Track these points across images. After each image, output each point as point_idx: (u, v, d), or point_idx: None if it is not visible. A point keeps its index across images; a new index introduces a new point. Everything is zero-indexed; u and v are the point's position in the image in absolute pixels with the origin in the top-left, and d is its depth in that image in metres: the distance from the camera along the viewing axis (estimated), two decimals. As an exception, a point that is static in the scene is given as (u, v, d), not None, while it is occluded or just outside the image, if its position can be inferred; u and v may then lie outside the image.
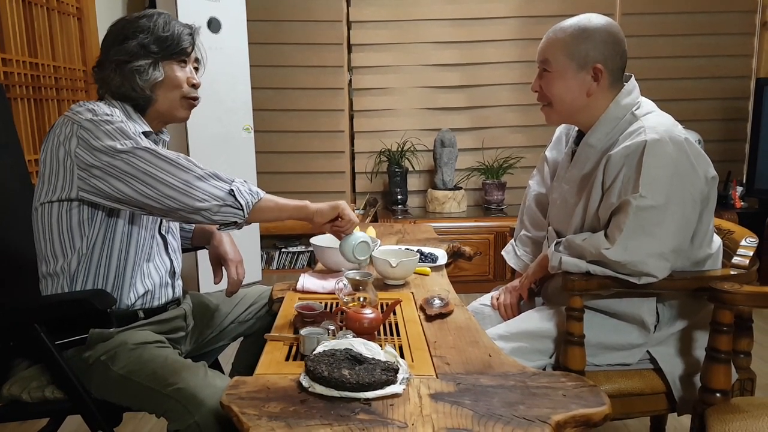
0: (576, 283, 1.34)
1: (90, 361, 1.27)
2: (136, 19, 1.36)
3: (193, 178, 1.21)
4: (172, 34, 1.36)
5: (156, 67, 1.35)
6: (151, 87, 1.35)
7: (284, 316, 1.37)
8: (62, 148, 1.24)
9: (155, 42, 1.34)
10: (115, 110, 1.31)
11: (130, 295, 1.35)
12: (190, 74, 1.41)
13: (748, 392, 1.42)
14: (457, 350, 1.18)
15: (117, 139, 1.22)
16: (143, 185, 1.21)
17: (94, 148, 1.21)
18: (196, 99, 1.43)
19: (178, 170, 1.21)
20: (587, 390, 1.01)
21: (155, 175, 1.21)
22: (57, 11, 2.79)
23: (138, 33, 1.34)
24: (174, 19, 1.39)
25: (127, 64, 1.33)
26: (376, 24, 4.01)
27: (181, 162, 1.23)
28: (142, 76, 1.34)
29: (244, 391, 0.98)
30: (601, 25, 1.40)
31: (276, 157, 4.11)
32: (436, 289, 1.58)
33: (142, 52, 1.33)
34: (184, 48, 1.38)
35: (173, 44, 1.36)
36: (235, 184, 1.25)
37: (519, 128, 4.13)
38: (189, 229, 1.64)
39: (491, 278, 3.67)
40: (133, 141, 1.23)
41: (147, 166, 1.21)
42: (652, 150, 1.28)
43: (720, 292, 1.23)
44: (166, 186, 1.20)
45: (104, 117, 1.25)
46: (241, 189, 1.25)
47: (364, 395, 0.95)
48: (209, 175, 1.23)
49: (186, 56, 1.40)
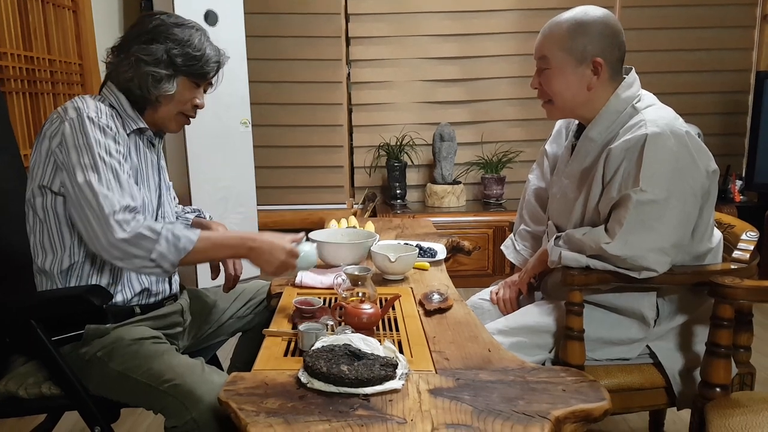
0: (576, 278, 1.33)
1: (87, 357, 1.26)
2: (172, 24, 1.34)
3: (117, 240, 1.18)
4: (201, 54, 1.35)
5: (172, 80, 1.34)
6: (157, 96, 1.34)
7: (282, 311, 1.36)
8: (46, 141, 1.26)
9: (182, 56, 1.33)
10: (102, 107, 1.30)
11: (126, 291, 1.34)
12: (198, 96, 1.40)
13: (748, 387, 1.41)
14: (456, 345, 1.18)
15: (81, 158, 1.21)
16: (78, 215, 1.22)
17: (64, 156, 1.23)
18: (191, 118, 1.43)
19: (105, 226, 1.18)
20: (587, 385, 1.01)
21: (86, 217, 1.20)
22: (52, 4, 2.76)
23: (168, 40, 1.32)
24: (208, 41, 1.38)
25: (146, 66, 1.31)
26: (375, 17, 3.99)
27: (116, 217, 1.19)
28: (156, 84, 1.33)
29: (242, 387, 0.98)
30: (598, 18, 1.38)
31: (274, 152, 4.10)
32: (435, 284, 1.57)
33: (166, 60, 1.32)
34: (206, 73, 1.38)
35: (198, 65, 1.35)
36: (156, 250, 1.19)
37: (518, 122, 4.11)
38: (186, 224, 1.62)
39: (490, 273, 3.66)
40: (91, 165, 1.21)
41: (83, 202, 1.20)
42: (652, 143, 1.27)
43: (720, 286, 1.22)
44: (92, 235, 1.20)
45: (85, 120, 1.24)
46: (166, 253, 1.20)
47: (362, 391, 0.95)
48: (135, 236, 1.19)
49: (203, 81, 1.39)
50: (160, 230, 1.20)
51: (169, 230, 1.21)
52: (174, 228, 1.23)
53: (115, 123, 1.30)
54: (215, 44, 1.41)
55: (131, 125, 1.35)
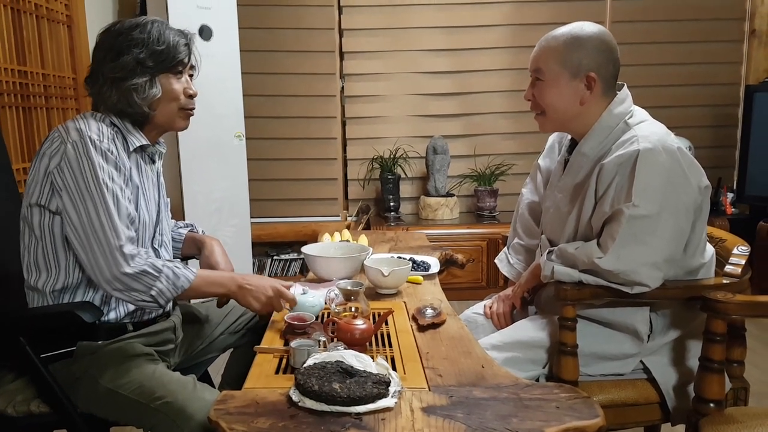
0: (568, 293, 1.33)
1: (77, 374, 1.25)
2: (128, 30, 1.32)
3: (122, 274, 1.20)
4: (167, 46, 1.32)
5: (153, 83, 1.32)
6: (149, 104, 1.33)
7: (274, 326, 1.35)
8: (46, 160, 1.24)
9: (150, 56, 1.31)
10: (104, 128, 1.29)
11: (119, 310, 1.33)
12: (187, 84, 1.39)
13: (742, 401, 1.41)
14: (449, 361, 1.17)
15: (87, 184, 1.21)
16: (80, 244, 1.22)
17: (65, 180, 1.22)
18: (193, 109, 1.42)
19: (111, 258, 1.20)
20: (581, 402, 1.00)
21: (90, 247, 1.21)
22: (46, 19, 2.76)
23: (132, 47, 1.30)
24: (167, 27, 1.36)
25: (124, 82, 1.30)
26: (368, 32, 4.01)
27: (124, 250, 1.20)
28: (140, 94, 1.31)
29: (233, 406, 0.97)
30: (594, 33, 1.40)
31: (268, 164, 4.10)
32: (429, 298, 1.56)
33: (138, 68, 1.30)
34: (181, 59, 1.35)
35: (169, 57, 1.33)
36: (156, 287, 1.23)
37: (511, 135, 4.13)
38: (179, 239, 1.62)
39: (484, 285, 3.66)
40: (97, 193, 1.21)
41: (89, 231, 1.21)
42: (645, 159, 1.28)
43: (713, 301, 1.23)
44: (95, 266, 1.21)
45: (88, 143, 1.23)
46: (165, 291, 1.24)
47: (355, 409, 0.94)
48: (139, 272, 1.21)
49: (183, 67, 1.37)
50: (162, 267, 1.24)
51: (170, 268, 1.25)
52: (174, 266, 1.27)
53: (116, 145, 1.30)
54: (176, 28, 1.38)
55: (134, 142, 1.34)
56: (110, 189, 1.23)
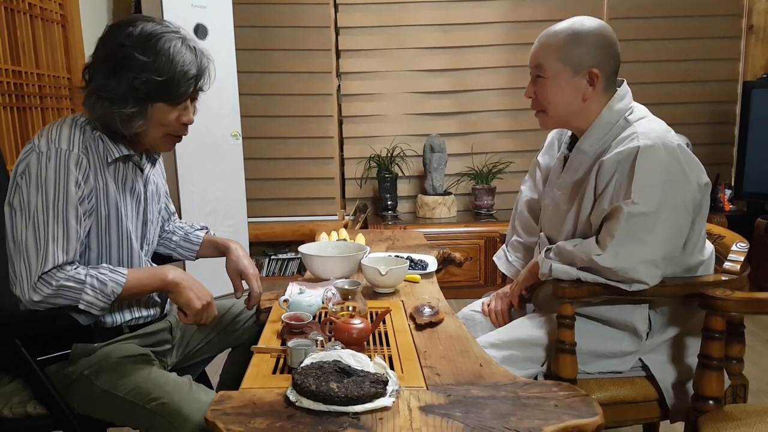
0: (566, 291, 1.33)
1: (73, 376, 1.24)
2: (133, 46, 1.18)
3: (40, 298, 1.15)
4: (170, 77, 1.19)
5: (142, 113, 1.21)
6: (131, 132, 1.25)
7: (271, 326, 1.34)
8: (20, 163, 1.20)
9: (146, 85, 1.19)
10: (77, 134, 1.22)
11: (116, 316, 1.32)
12: (183, 112, 1.27)
13: (741, 398, 1.41)
14: (447, 360, 1.16)
15: (38, 197, 1.16)
16: (9, 251, 1.19)
17: (23, 187, 1.17)
18: (182, 136, 1.32)
19: (30, 281, 1.15)
20: (579, 400, 1.00)
21: (19, 260, 1.16)
22: (41, 18, 2.75)
23: (129, 69, 1.18)
24: (183, 46, 1.22)
25: (110, 105, 1.20)
26: (364, 30, 4.00)
27: (43, 276, 1.15)
28: (125, 123, 1.22)
29: (230, 407, 0.96)
30: (594, 29, 1.39)
31: (264, 164, 4.09)
32: (426, 297, 1.56)
33: (128, 96, 1.19)
34: (181, 94, 1.23)
35: (169, 90, 1.21)
36: (84, 300, 1.16)
37: (508, 133, 4.12)
38: (196, 241, 1.59)
39: (482, 283, 3.66)
40: (43, 209, 1.16)
41: (21, 245, 1.16)
42: (644, 156, 1.27)
43: (711, 298, 1.22)
44: (19, 283, 1.16)
45: (53, 154, 1.17)
46: (94, 302, 1.17)
47: (352, 409, 0.93)
48: (58, 287, 1.15)
49: (184, 99, 1.25)
50: (85, 278, 1.17)
51: (93, 277, 1.18)
52: (98, 273, 1.19)
53: (90, 153, 1.23)
54: (195, 48, 1.25)
55: (113, 152, 1.27)
56: (59, 208, 1.17)
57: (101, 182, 1.26)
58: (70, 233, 1.18)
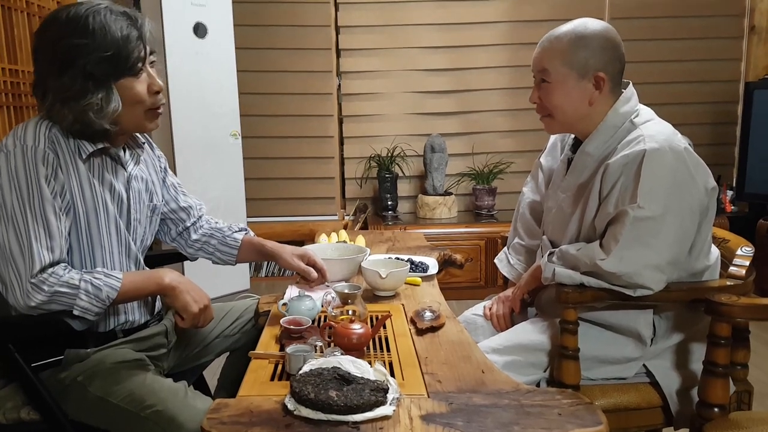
0: (570, 295, 1.31)
1: (66, 381, 1.22)
2: (67, 35, 1.14)
3: (32, 308, 1.12)
4: (116, 47, 1.15)
5: (110, 96, 1.17)
6: (110, 120, 1.20)
7: (270, 331, 1.32)
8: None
9: (99, 65, 1.14)
10: (42, 132, 1.17)
11: (109, 321, 1.30)
12: (150, 80, 1.23)
13: (746, 405, 1.39)
14: (449, 366, 1.14)
15: (12, 198, 1.13)
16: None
17: None
18: (161, 106, 1.28)
19: (23, 286, 1.11)
20: (583, 408, 0.98)
21: (6, 268, 1.13)
22: (38, 16, 2.72)
23: (76, 57, 1.13)
24: (110, 14, 1.17)
25: (76, 102, 1.15)
26: (365, 29, 3.98)
27: (33, 279, 1.11)
28: (97, 113, 1.17)
29: (226, 415, 0.94)
30: (598, 31, 1.36)
31: (264, 163, 4.06)
32: (427, 300, 1.53)
33: (88, 84, 1.14)
34: (135, 59, 1.18)
35: (122, 60, 1.16)
36: (78, 305, 1.14)
37: (509, 133, 4.10)
38: (234, 244, 1.54)
39: (483, 285, 3.64)
40: (20, 209, 1.13)
41: (5, 251, 1.13)
42: (651, 159, 1.25)
43: (717, 304, 1.20)
44: (11, 291, 1.13)
45: (20, 152, 1.13)
46: (89, 307, 1.15)
47: (352, 418, 0.91)
48: (53, 294, 1.12)
49: (141, 63, 1.20)
50: (79, 283, 1.14)
51: (88, 282, 1.15)
52: (93, 278, 1.16)
53: (58, 147, 1.19)
54: (120, 11, 1.19)
55: (87, 149, 1.22)
56: (36, 205, 1.14)
57: (74, 178, 1.21)
58: (52, 229, 1.16)
